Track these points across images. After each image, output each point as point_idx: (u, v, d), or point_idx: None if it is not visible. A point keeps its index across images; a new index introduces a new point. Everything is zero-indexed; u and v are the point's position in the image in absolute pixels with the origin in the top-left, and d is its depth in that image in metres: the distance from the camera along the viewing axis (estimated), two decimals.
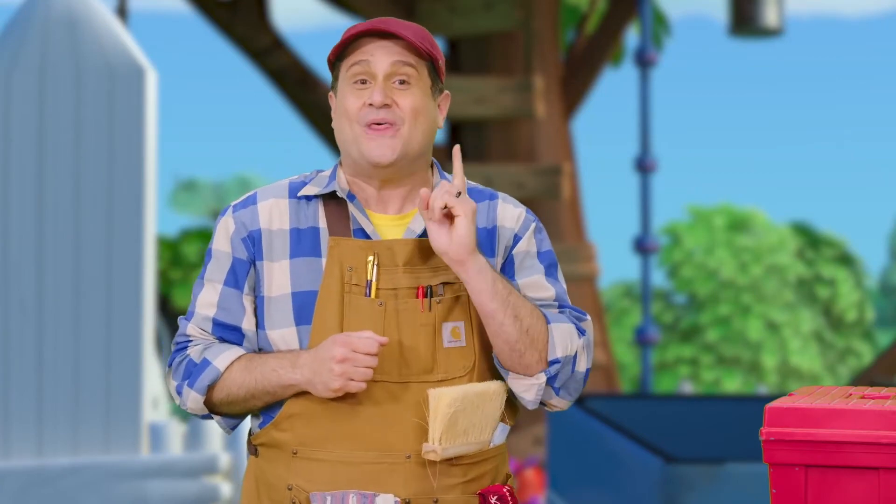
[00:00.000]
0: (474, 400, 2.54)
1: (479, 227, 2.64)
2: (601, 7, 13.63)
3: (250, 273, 2.63)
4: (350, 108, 2.59)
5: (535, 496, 9.06)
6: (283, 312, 2.59)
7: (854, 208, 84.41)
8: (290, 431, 2.58)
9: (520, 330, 2.53)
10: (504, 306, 2.52)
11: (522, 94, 10.90)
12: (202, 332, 2.66)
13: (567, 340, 2.57)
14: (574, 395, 2.62)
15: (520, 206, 2.69)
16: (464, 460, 2.58)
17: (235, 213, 2.65)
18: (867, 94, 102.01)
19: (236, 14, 12.52)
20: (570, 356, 2.57)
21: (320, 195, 2.64)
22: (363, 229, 2.60)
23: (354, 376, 2.49)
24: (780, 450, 2.41)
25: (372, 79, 2.58)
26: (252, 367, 2.58)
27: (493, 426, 2.61)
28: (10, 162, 6.59)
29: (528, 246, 2.66)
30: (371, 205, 2.64)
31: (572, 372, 2.59)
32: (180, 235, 22.72)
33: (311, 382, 2.52)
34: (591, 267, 11.55)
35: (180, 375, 2.64)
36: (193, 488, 6.75)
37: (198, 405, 2.63)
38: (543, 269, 2.66)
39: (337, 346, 2.49)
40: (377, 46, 2.59)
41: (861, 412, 2.39)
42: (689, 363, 29.63)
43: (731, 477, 5.11)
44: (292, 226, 2.62)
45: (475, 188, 2.70)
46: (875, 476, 2.38)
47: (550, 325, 2.57)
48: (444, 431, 2.50)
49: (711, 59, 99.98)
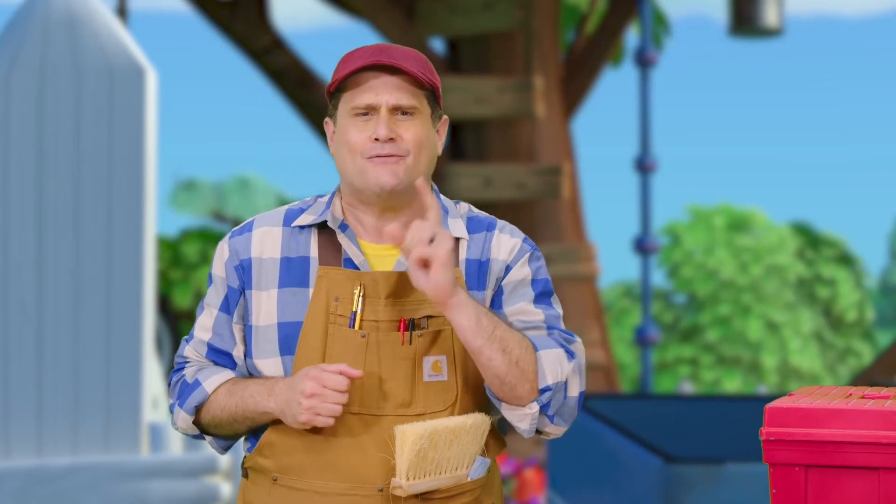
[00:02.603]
0: (446, 435, 2.53)
1: (472, 259, 2.63)
2: (601, 7, 13.63)
3: (240, 302, 2.64)
4: (353, 141, 2.58)
5: (535, 496, 9.07)
6: (269, 342, 2.60)
7: (854, 208, 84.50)
8: (272, 458, 2.60)
9: (509, 363, 2.51)
10: (490, 341, 2.50)
11: (522, 94, 10.89)
12: (198, 354, 2.69)
13: (557, 366, 2.54)
14: (569, 422, 2.59)
15: (517, 236, 2.66)
16: (438, 494, 2.57)
17: (231, 240, 2.67)
18: (867, 94, 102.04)
19: (236, 14, 12.52)
20: (561, 382, 2.54)
21: (314, 224, 2.64)
22: (352, 260, 2.60)
23: (322, 412, 2.50)
24: (780, 450, 2.41)
25: (374, 112, 2.58)
26: (235, 391, 2.60)
27: (471, 460, 2.59)
28: (10, 162, 6.59)
29: (520, 275, 2.63)
30: (367, 234, 2.63)
31: (564, 398, 2.56)
32: (180, 235, 22.71)
33: (283, 412, 2.54)
34: (591, 267, 11.55)
35: (175, 395, 2.68)
36: (193, 488, 6.75)
37: (187, 425, 2.66)
38: (533, 296, 2.63)
39: (307, 381, 2.49)
40: (380, 81, 2.57)
41: (861, 412, 2.39)
42: (689, 363, 29.63)
43: (731, 477, 5.11)
44: (283, 255, 2.62)
45: (475, 217, 2.68)
46: (875, 476, 2.38)
47: (539, 352, 2.54)
48: (410, 467, 2.49)
49: (711, 59, 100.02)
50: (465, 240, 2.63)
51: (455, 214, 2.66)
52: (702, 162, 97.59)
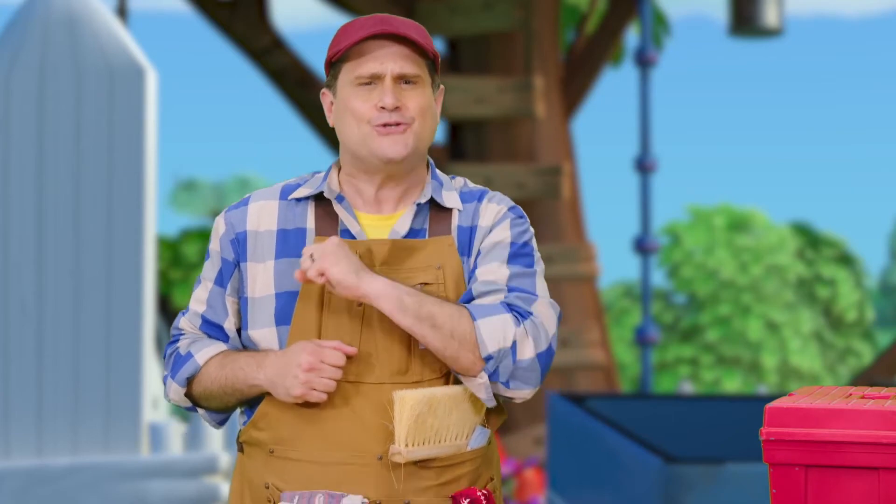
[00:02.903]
0: (446, 402, 2.54)
1: (463, 227, 2.64)
2: (601, 7, 13.63)
3: (234, 275, 2.66)
4: (358, 110, 2.59)
5: (535, 496, 9.06)
6: (265, 313, 2.61)
7: (854, 208, 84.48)
8: (267, 430, 2.60)
9: (443, 337, 2.51)
10: (418, 319, 2.50)
11: (522, 94, 10.89)
12: (193, 326, 2.71)
13: (498, 333, 2.52)
14: (531, 383, 2.55)
15: (504, 203, 2.67)
16: (437, 463, 2.57)
17: (227, 213, 2.69)
18: (867, 94, 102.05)
19: (236, 14, 12.52)
20: (506, 348, 2.52)
21: (311, 196, 2.65)
22: (349, 230, 2.61)
23: (317, 386, 2.51)
24: (780, 450, 2.41)
25: (379, 81, 2.59)
26: (225, 363, 2.62)
27: (470, 429, 2.59)
28: (10, 162, 6.59)
29: (498, 237, 2.63)
30: (365, 205, 2.64)
31: (514, 363, 2.53)
32: (180, 235, 22.72)
33: (274, 384, 2.54)
34: (591, 267, 11.54)
35: (169, 366, 2.70)
36: (193, 488, 6.75)
37: (179, 396, 2.68)
38: (507, 256, 2.61)
39: (305, 354, 2.51)
40: (383, 49, 2.59)
41: (861, 412, 2.39)
42: (689, 363, 29.64)
43: (731, 477, 5.11)
44: (279, 227, 2.64)
45: (468, 190, 2.70)
46: (875, 476, 2.38)
47: (476, 321, 2.52)
48: (409, 433, 2.50)
49: (711, 59, 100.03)
50: (459, 210, 2.65)
51: (450, 187, 2.69)
52: (702, 162, 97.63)
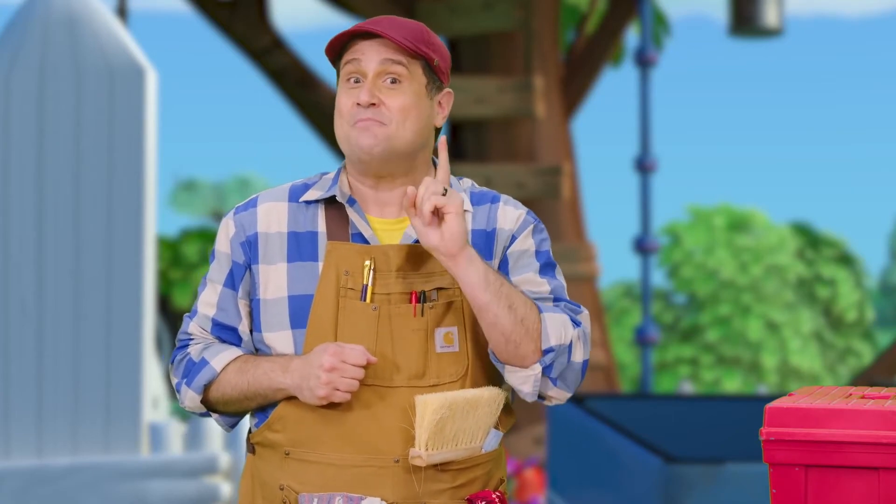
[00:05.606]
0: (464, 406, 2.55)
1: (478, 230, 2.65)
2: (601, 7, 13.63)
3: (245, 277, 2.66)
4: (342, 106, 2.62)
5: (535, 496, 9.07)
6: (278, 315, 2.61)
7: (854, 208, 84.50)
8: (283, 432, 2.60)
9: (514, 320, 2.53)
10: (497, 297, 2.52)
11: (522, 94, 10.89)
12: (202, 330, 2.69)
13: (561, 329, 2.56)
14: (572, 387, 2.61)
15: (521, 208, 2.69)
16: (453, 466, 2.58)
17: (236, 215, 2.68)
18: (867, 94, 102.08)
19: (236, 14, 12.52)
20: (564, 345, 2.56)
21: (321, 199, 2.66)
22: (362, 234, 2.62)
23: (340, 386, 2.52)
24: (780, 450, 2.41)
25: (364, 77, 2.61)
26: (246, 368, 2.61)
27: (485, 432, 2.61)
28: (10, 162, 6.59)
29: (524, 245, 2.66)
30: (373, 209, 2.65)
31: (568, 362, 2.58)
32: (180, 235, 22.73)
33: (299, 388, 2.55)
34: (591, 267, 11.55)
35: (180, 373, 2.68)
36: (193, 488, 6.75)
37: (195, 404, 2.67)
38: (538, 267, 2.66)
39: (326, 355, 2.51)
40: (367, 46, 2.61)
41: (861, 412, 2.39)
42: (689, 363, 29.64)
43: (731, 477, 5.11)
44: (290, 229, 2.64)
45: (478, 191, 2.71)
46: (875, 476, 2.38)
47: (543, 314, 2.56)
48: (430, 437, 2.51)
49: (711, 59, 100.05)
50: (470, 212, 2.66)
51: (458, 189, 2.68)
52: (702, 162, 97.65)
